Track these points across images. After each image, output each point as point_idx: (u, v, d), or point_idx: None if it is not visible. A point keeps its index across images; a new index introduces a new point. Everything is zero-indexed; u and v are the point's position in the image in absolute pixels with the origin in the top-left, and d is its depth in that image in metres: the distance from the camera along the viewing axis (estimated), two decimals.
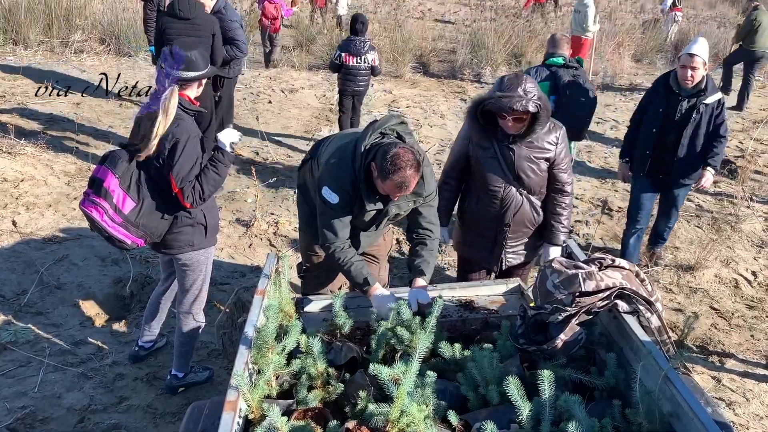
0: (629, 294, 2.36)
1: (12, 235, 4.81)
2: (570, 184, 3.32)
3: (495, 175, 3.25)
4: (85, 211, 2.86)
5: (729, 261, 5.33)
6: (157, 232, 3.01)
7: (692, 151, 4.43)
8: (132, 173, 2.90)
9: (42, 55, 10.00)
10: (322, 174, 2.94)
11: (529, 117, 3.05)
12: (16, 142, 6.29)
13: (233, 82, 6.45)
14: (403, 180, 2.63)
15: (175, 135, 2.87)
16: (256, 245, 5.13)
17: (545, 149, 3.18)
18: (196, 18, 5.36)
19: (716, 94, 4.34)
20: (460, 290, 3.16)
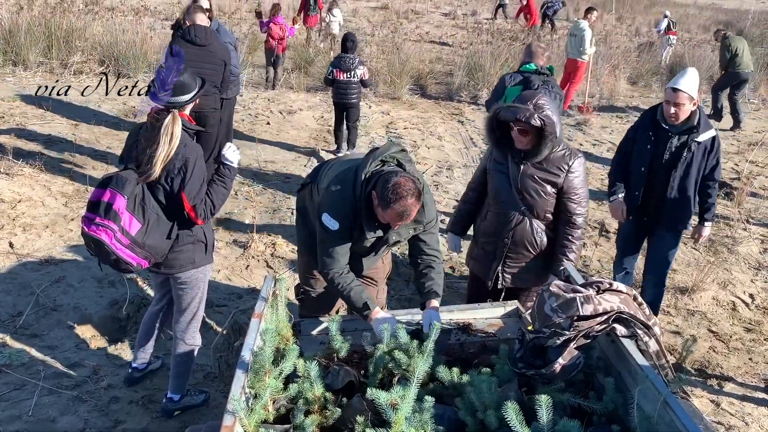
0: (627, 318, 2.36)
1: (8, 256, 4.80)
2: (581, 216, 3.28)
3: (501, 189, 3.29)
4: (92, 235, 2.82)
5: (726, 283, 5.33)
6: (161, 252, 3.02)
7: (683, 194, 3.97)
8: (136, 195, 2.91)
9: (41, 77, 10.05)
10: (323, 200, 2.95)
11: (534, 133, 3.07)
12: (14, 163, 6.30)
13: (232, 103, 6.50)
14: (404, 209, 2.65)
15: (184, 155, 2.92)
16: (253, 267, 5.12)
17: (553, 173, 3.18)
18: (210, 45, 5.43)
19: (709, 131, 3.89)
20: (458, 313, 3.16)
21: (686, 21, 26.50)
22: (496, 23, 22.46)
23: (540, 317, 2.41)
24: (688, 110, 3.81)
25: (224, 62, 5.57)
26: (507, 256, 3.38)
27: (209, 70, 5.33)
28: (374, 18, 22.89)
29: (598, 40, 12.96)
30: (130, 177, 2.91)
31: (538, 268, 3.40)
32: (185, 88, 3.01)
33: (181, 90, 2.99)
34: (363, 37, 16.45)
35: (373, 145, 8.41)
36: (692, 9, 34.70)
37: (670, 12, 18.74)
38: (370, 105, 10.63)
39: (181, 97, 3.00)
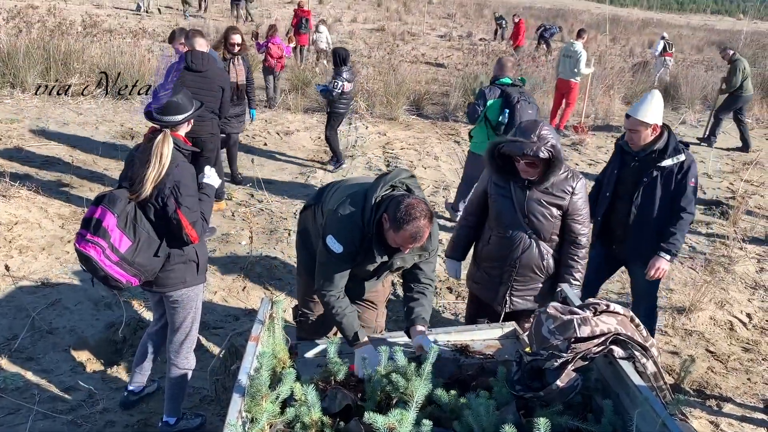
0: (624, 339, 2.36)
1: (4, 279, 4.78)
2: (585, 236, 3.31)
3: (506, 214, 3.29)
4: (81, 251, 2.85)
5: (723, 303, 5.33)
6: (152, 270, 3.02)
7: (645, 222, 3.77)
8: (128, 213, 2.93)
9: (39, 98, 10.09)
10: (328, 222, 2.95)
11: (542, 163, 3.09)
12: (11, 185, 6.30)
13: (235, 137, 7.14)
14: (417, 230, 2.64)
15: (176, 176, 2.93)
16: (250, 288, 5.11)
17: (558, 196, 3.21)
18: (209, 71, 5.52)
19: (678, 156, 3.68)
20: (456, 335, 3.15)
21: (679, 42, 26.78)
22: (491, 44, 22.69)
23: (537, 339, 2.41)
24: (646, 136, 3.68)
25: (222, 88, 5.66)
26: (514, 280, 3.38)
27: (207, 96, 5.38)
28: (371, 40, 23.08)
29: (593, 60, 13.12)
30: (122, 195, 2.94)
31: (545, 290, 3.40)
32: (179, 108, 3.05)
33: (175, 110, 3.03)
34: (359, 58, 16.59)
35: (371, 166, 8.47)
36: (685, 30, 35.14)
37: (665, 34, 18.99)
38: (367, 126, 10.68)
39: (174, 117, 3.04)
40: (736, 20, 52.85)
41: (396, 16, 33.21)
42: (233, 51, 6.63)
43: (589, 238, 3.40)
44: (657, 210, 3.72)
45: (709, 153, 10.46)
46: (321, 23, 16.27)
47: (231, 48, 6.62)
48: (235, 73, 6.64)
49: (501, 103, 5.69)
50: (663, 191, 3.70)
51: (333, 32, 23.84)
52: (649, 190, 3.72)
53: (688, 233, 6.82)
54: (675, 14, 62.86)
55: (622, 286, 5.46)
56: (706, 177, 9.22)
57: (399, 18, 32.19)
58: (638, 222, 3.78)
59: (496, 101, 5.67)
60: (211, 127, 5.66)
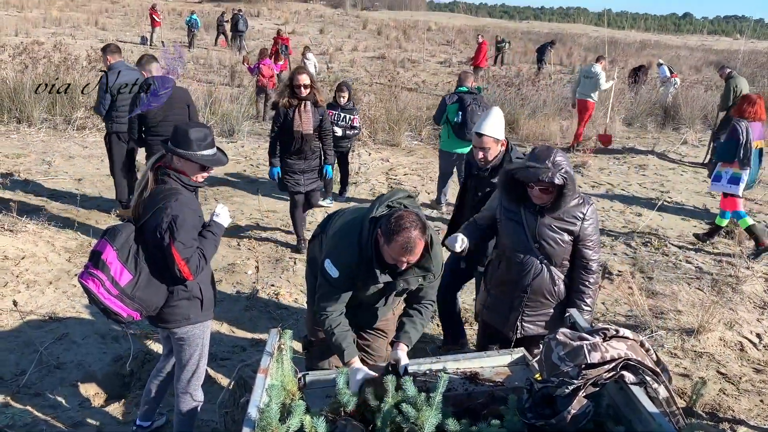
0: (635, 365, 2.35)
1: (11, 314, 4.79)
2: (596, 261, 3.31)
3: (517, 239, 3.30)
4: (82, 283, 2.88)
5: (732, 323, 5.30)
6: (153, 305, 3.01)
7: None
8: (131, 246, 2.93)
9: (45, 133, 10.20)
10: (327, 247, 3.00)
11: (556, 189, 3.11)
12: (18, 219, 6.34)
13: None
14: (407, 240, 2.63)
15: (174, 210, 2.89)
16: (256, 318, 5.10)
17: (569, 222, 3.22)
18: (175, 93, 5.98)
19: None
20: (464, 362, 3.14)
21: (677, 63, 26.97)
22: (491, 69, 22.91)
23: (548, 366, 2.40)
24: (496, 151, 3.84)
25: (187, 105, 6.15)
26: (525, 305, 3.37)
27: (177, 115, 5.91)
28: (372, 68, 23.33)
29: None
30: (125, 229, 2.95)
31: (556, 315, 3.39)
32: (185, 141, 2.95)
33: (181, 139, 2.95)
34: (361, 86, 16.75)
35: (374, 193, 8.49)
36: (683, 51, 35.43)
37: (662, 56, 19.26)
38: (370, 152, 10.74)
39: (177, 147, 2.96)
40: (733, 40, 53.28)
41: (396, 44, 33.60)
42: (300, 95, 5.79)
43: (600, 263, 3.41)
44: None
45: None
46: (307, 50, 17.10)
47: (298, 91, 5.79)
48: (300, 122, 5.79)
49: (457, 107, 7.03)
50: None
51: (335, 61, 24.14)
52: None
53: (695, 253, 6.82)
54: (672, 35, 63.44)
55: (629, 309, 5.44)
56: (709, 196, 9.23)
57: (399, 46, 32.58)
58: None
59: (454, 105, 7.05)
60: None
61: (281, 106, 5.82)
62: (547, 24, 73.09)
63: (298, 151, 5.87)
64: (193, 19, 25.85)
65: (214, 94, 12.82)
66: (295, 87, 5.77)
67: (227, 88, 15.53)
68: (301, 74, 5.83)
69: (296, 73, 5.87)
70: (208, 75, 18.23)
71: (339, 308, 2.97)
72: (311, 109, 5.83)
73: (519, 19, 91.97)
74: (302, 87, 5.75)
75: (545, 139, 12.35)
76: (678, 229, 7.68)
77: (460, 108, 6.96)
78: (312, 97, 5.82)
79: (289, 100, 5.78)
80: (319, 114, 5.93)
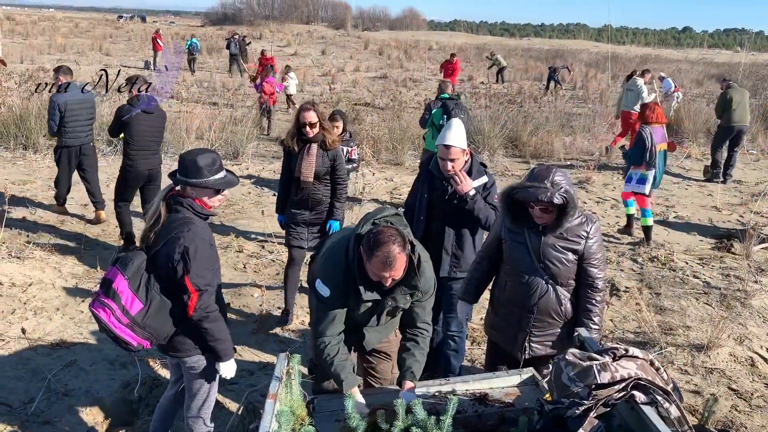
0: (646, 384, 2.33)
1: (20, 341, 4.80)
2: (601, 279, 3.30)
3: (522, 260, 3.30)
4: (93, 312, 2.88)
5: (742, 339, 5.26)
6: (163, 334, 3.01)
7: (462, 242, 4.03)
8: (142, 275, 2.93)
9: (51, 159, 10.24)
10: (317, 267, 3.02)
11: (556, 209, 3.11)
12: (25, 245, 6.38)
13: None
14: (386, 255, 2.62)
15: (186, 240, 2.88)
16: (264, 341, 5.09)
17: (573, 241, 3.22)
18: (156, 111, 6.48)
19: (482, 178, 3.96)
20: (473, 383, 3.12)
21: (679, 76, 27.07)
22: (493, 87, 23.03)
23: (558, 387, 2.39)
24: (463, 161, 3.91)
25: (164, 124, 6.72)
26: (533, 325, 3.36)
27: (159, 132, 6.55)
28: (374, 87, 23.49)
29: (593, 98, 13.40)
30: (137, 257, 2.94)
31: (563, 335, 3.38)
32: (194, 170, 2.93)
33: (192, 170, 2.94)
34: (363, 106, 16.85)
35: None
36: (684, 64, 35.59)
37: (663, 70, 19.43)
38: (374, 172, 10.78)
39: (185, 177, 2.95)
40: (734, 53, 53.47)
41: (398, 63, 33.89)
42: (307, 135, 4.97)
43: (606, 281, 3.40)
44: (471, 229, 4.03)
45: (717, 186, 10.47)
46: (288, 68, 17.72)
47: (304, 131, 4.97)
48: (299, 168, 5.00)
49: (441, 111, 7.95)
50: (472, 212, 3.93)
51: (337, 82, 24.32)
52: (461, 211, 3.94)
53: (702, 268, 6.80)
54: (672, 49, 63.71)
55: (637, 325, 5.41)
56: (714, 210, 9.21)
57: (401, 65, 32.84)
58: (456, 242, 4.03)
59: (438, 110, 8.02)
60: (160, 158, 6.74)
61: (286, 147, 5.13)
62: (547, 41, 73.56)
63: (302, 201, 5.11)
64: (193, 43, 26.14)
65: (218, 116, 12.92)
66: (301, 126, 4.98)
67: (231, 110, 15.66)
68: (308, 111, 4.96)
69: (302, 110, 5.01)
70: (212, 98, 18.37)
71: (336, 330, 2.96)
72: (316, 152, 4.99)
73: (519, 37, 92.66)
74: (308, 126, 4.93)
75: (548, 156, 12.38)
76: (684, 244, 7.66)
77: (445, 112, 7.88)
78: (319, 138, 4.99)
79: (294, 141, 5.03)
80: (330, 158, 5.05)
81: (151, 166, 6.48)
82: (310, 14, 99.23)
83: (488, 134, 12.25)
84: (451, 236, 4.03)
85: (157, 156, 6.57)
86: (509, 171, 11.23)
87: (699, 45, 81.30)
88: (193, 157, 2.96)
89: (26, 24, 45.91)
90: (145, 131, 6.35)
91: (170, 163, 10.48)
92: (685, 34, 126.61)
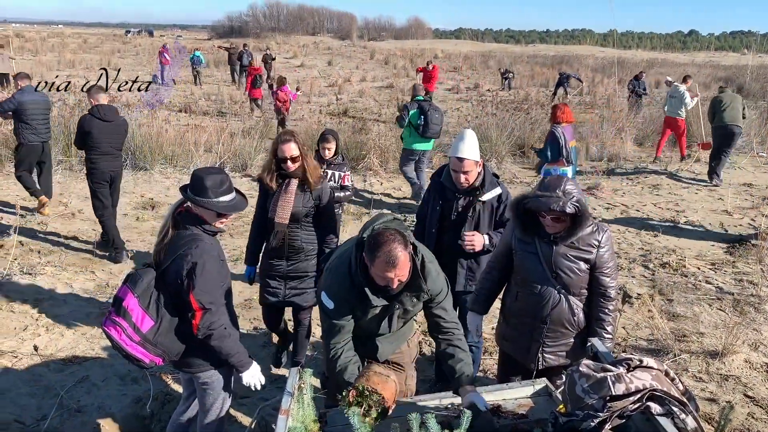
0: (661, 395, 2.31)
1: (32, 357, 4.81)
2: (613, 288, 3.28)
3: (533, 270, 3.28)
4: (105, 330, 2.89)
5: (757, 344, 5.21)
6: (175, 350, 3.00)
7: (475, 255, 3.96)
8: (152, 292, 2.93)
9: (61, 174, 10.34)
10: (322, 281, 3.02)
11: (568, 218, 3.10)
12: (37, 262, 6.41)
13: None
14: (388, 254, 2.62)
15: (194, 257, 2.88)
16: (275, 354, 5.07)
17: (585, 250, 3.20)
18: (115, 120, 6.79)
19: (495, 190, 3.91)
20: (486, 395, 3.09)
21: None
22: (500, 95, 23.04)
23: (572, 399, 2.37)
24: (476, 173, 3.85)
25: (125, 131, 7.02)
26: (546, 336, 3.34)
27: (119, 139, 6.91)
28: (380, 97, 23.53)
29: (600, 104, 13.40)
30: (146, 275, 2.94)
31: (576, 345, 3.35)
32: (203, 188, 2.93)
33: (200, 189, 2.96)
34: (370, 115, 16.88)
35: None
36: (691, 68, 35.44)
37: (670, 74, 19.39)
38: (382, 182, 10.78)
39: (195, 195, 2.96)
40: (741, 55, 53.24)
41: (404, 73, 33.95)
42: (287, 170, 4.16)
43: (618, 290, 3.38)
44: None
45: (727, 189, 10.40)
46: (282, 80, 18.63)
47: (284, 166, 4.16)
48: (273, 207, 4.20)
49: (418, 112, 8.81)
50: (486, 224, 3.93)
51: (344, 92, 24.40)
52: (474, 224, 3.91)
53: (714, 273, 6.74)
54: (679, 53, 63.53)
55: (650, 333, 5.36)
56: (725, 214, 9.15)
57: (407, 74, 32.89)
58: (469, 254, 3.95)
59: (415, 111, 8.83)
60: (121, 162, 7.11)
61: (263, 184, 4.29)
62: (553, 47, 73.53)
63: (277, 248, 4.26)
64: (196, 56, 26.27)
65: (227, 129, 12.99)
66: (280, 160, 4.15)
67: (239, 123, 15.73)
68: (287, 143, 4.12)
69: (281, 142, 4.15)
70: (221, 110, 18.47)
71: (344, 339, 2.95)
72: (294, 190, 4.16)
73: (525, 43, 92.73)
74: (289, 161, 4.11)
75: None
76: (696, 249, 7.61)
77: (422, 113, 8.77)
78: (299, 174, 4.17)
79: (272, 176, 4.20)
80: (314, 197, 4.22)
81: (113, 169, 6.91)
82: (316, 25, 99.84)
83: (495, 141, 12.25)
84: (464, 249, 3.94)
85: (118, 160, 7.02)
86: (517, 178, 11.21)
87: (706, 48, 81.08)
88: (201, 175, 2.95)
89: (36, 41, 46.37)
90: (106, 139, 6.75)
91: (180, 176, 10.54)
92: (692, 38, 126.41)
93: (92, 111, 6.68)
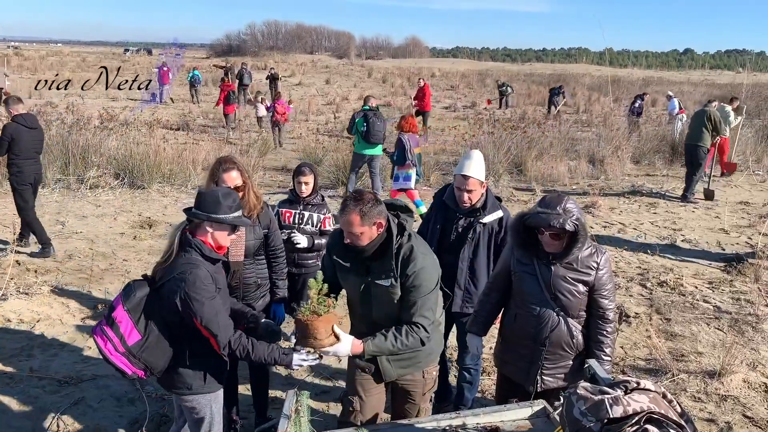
0: (659, 418, 2.30)
1: (27, 378, 4.78)
2: (612, 310, 3.28)
3: (532, 292, 3.27)
4: (93, 338, 2.92)
5: (755, 364, 5.20)
6: (158, 367, 2.99)
7: (475, 276, 3.95)
8: (143, 307, 2.93)
9: (59, 193, 10.35)
10: None
11: (567, 236, 3.11)
12: (33, 281, 6.39)
13: None
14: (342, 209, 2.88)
15: (186, 286, 2.83)
16: (272, 375, 5.03)
17: (584, 272, 3.20)
18: (38, 127, 7.39)
19: (496, 213, 3.89)
20: (484, 416, 3.09)
21: (681, 98, 27.11)
22: (496, 113, 23.15)
23: (569, 421, 2.35)
24: (479, 193, 3.84)
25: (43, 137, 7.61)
26: (544, 358, 3.33)
27: (40, 146, 7.47)
28: None
29: (598, 122, 13.48)
30: (140, 289, 2.95)
31: (575, 367, 3.34)
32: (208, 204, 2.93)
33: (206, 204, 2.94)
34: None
35: None
36: (686, 86, 35.77)
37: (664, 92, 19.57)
38: (383, 196, 10.78)
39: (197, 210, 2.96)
40: (736, 74, 53.67)
41: (401, 91, 34.13)
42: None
43: (616, 312, 3.38)
44: (485, 264, 3.94)
45: (724, 207, 10.44)
46: (259, 94, 19.69)
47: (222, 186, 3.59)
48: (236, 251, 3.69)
49: (363, 119, 10.20)
50: (487, 245, 3.92)
51: (341, 110, 24.51)
52: (474, 245, 3.91)
53: (712, 292, 6.75)
54: (675, 71, 64.02)
55: (648, 352, 5.35)
56: (722, 233, 9.17)
57: (404, 93, 33.05)
58: (469, 276, 3.96)
59: (360, 119, 10.25)
60: (41, 165, 7.66)
61: None
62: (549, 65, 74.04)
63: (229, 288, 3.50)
64: (195, 75, 26.39)
65: (224, 147, 13.03)
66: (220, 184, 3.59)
67: (237, 141, 15.80)
68: (229, 171, 3.64)
69: (221, 170, 3.64)
70: (218, 129, 18.53)
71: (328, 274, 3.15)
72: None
73: (521, 62, 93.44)
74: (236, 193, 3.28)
75: (554, 180, 12.39)
76: (693, 268, 7.62)
77: (365, 120, 10.18)
78: (244, 203, 3.65)
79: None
80: (263, 225, 3.84)
81: (36, 172, 7.45)
82: (314, 44, 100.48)
83: (493, 159, 12.29)
84: (464, 271, 3.95)
85: (39, 164, 7.55)
86: (515, 197, 11.24)
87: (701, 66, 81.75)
88: (216, 192, 3.00)
89: (34, 59, 46.62)
90: (30, 145, 7.23)
91: (178, 194, 10.55)
92: (687, 56, 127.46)
93: (17, 119, 7.12)
